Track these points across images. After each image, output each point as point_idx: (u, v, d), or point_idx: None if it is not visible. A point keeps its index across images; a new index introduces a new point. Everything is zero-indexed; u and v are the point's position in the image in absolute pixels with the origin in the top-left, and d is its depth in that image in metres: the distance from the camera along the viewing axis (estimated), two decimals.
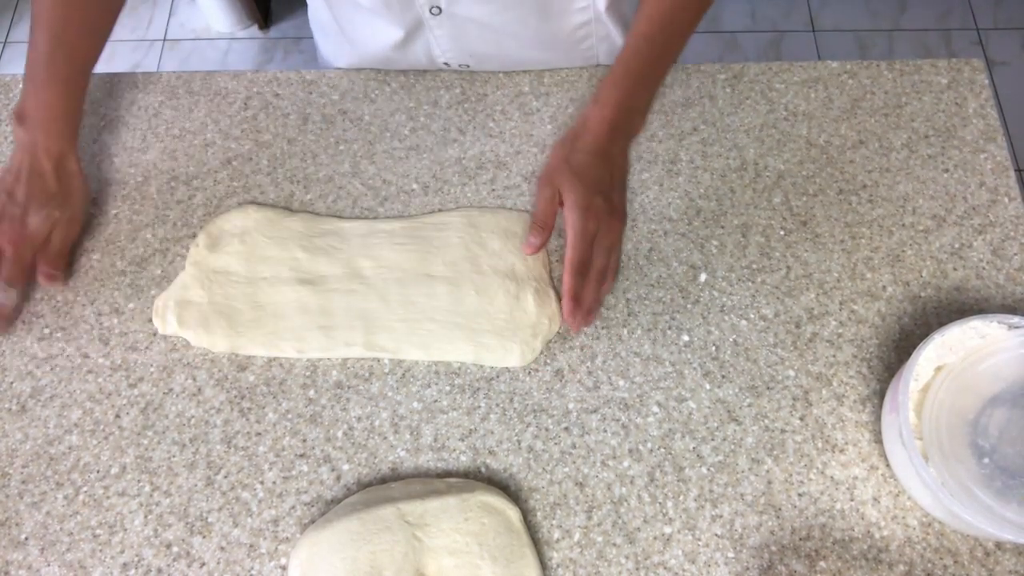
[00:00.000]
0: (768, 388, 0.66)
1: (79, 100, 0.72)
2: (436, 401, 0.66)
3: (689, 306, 0.69)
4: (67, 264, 0.71)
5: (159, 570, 0.60)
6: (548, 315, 0.68)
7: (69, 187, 0.70)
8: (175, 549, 0.60)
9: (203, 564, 0.60)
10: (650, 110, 0.68)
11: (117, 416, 0.65)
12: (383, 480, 0.63)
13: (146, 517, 0.62)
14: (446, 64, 0.82)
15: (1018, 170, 1.74)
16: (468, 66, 0.82)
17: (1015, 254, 0.70)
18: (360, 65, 0.83)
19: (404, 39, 0.79)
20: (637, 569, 0.59)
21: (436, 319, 0.67)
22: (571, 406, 0.65)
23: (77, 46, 0.70)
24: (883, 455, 0.63)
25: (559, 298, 0.68)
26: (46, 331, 0.69)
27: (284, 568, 0.60)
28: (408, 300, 0.68)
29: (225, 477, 0.63)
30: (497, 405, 0.65)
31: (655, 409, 0.65)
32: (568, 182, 0.63)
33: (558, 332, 0.68)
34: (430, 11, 0.75)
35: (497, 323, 0.67)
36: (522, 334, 0.66)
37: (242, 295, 0.69)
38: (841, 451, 0.63)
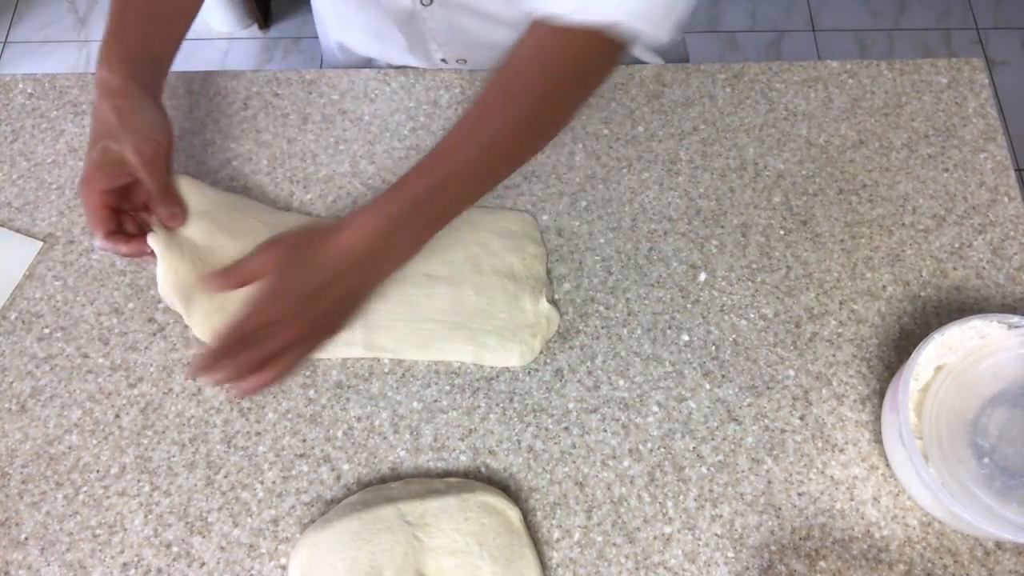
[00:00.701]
0: (768, 388, 0.66)
1: (155, 72, 0.67)
2: (436, 401, 0.66)
3: (689, 306, 0.69)
4: (177, 196, 0.66)
5: (159, 570, 0.60)
6: (547, 315, 0.67)
7: (150, 110, 0.64)
8: (175, 549, 0.60)
9: (203, 564, 0.60)
10: (425, 243, 0.58)
11: (117, 416, 0.65)
12: (383, 480, 0.63)
13: (146, 517, 0.62)
14: (443, 61, 0.82)
15: (1018, 170, 1.74)
16: (465, 61, 0.82)
17: (1015, 254, 0.70)
18: (360, 66, 0.83)
19: (400, 35, 0.78)
20: (637, 569, 0.59)
21: (436, 319, 0.67)
22: (571, 406, 0.65)
23: (160, 37, 0.68)
24: (883, 455, 0.63)
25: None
26: (46, 331, 0.69)
27: (284, 568, 0.60)
28: (408, 300, 0.68)
29: (225, 477, 0.63)
30: (497, 405, 0.65)
31: (655, 409, 0.65)
32: (282, 259, 0.55)
33: (558, 332, 0.68)
34: (421, 1, 0.75)
35: (497, 323, 0.67)
36: (522, 334, 0.66)
37: (241, 292, 0.67)
38: (841, 451, 0.63)
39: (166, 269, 0.63)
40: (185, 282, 0.64)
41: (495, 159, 0.58)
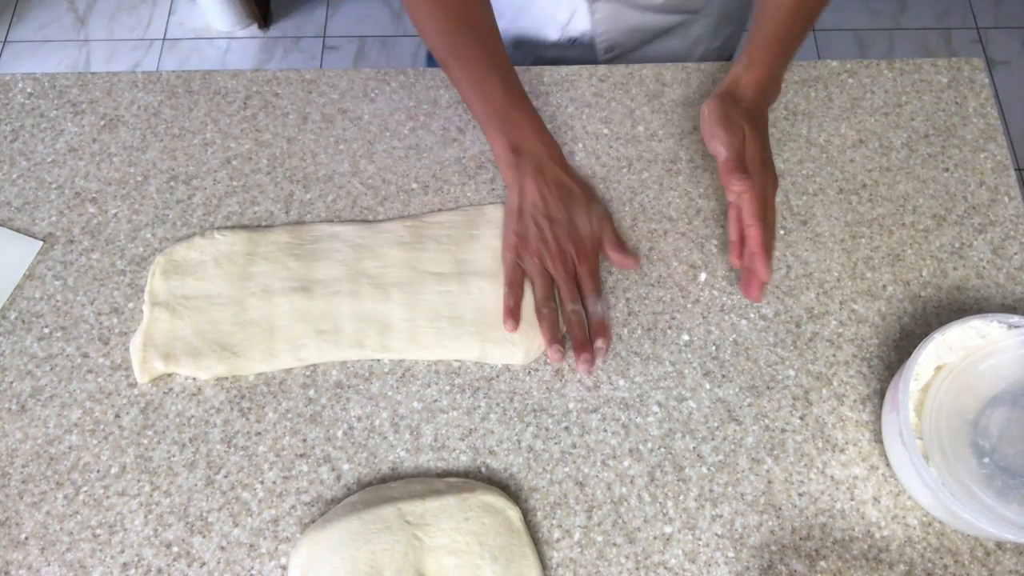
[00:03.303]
0: (768, 388, 0.66)
1: (531, 103, 0.73)
2: (436, 401, 0.66)
3: (689, 306, 0.69)
4: (627, 247, 0.70)
5: (159, 570, 0.60)
6: None
7: (585, 183, 0.71)
8: (175, 549, 0.60)
9: (203, 564, 0.60)
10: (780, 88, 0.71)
11: (117, 416, 0.65)
12: (383, 480, 0.63)
13: (146, 517, 0.62)
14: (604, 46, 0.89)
15: (1018, 170, 1.74)
16: (612, 48, 0.89)
17: (1015, 254, 0.70)
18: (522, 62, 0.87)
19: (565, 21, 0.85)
20: (637, 569, 0.59)
21: (442, 316, 0.67)
22: (571, 406, 0.65)
23: (499, 57, 0.72)
24: (883, 455, 0.63)
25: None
26: (46, 331, 0.69)
27: (284, 568, 0.60)
28: (412, 299, 0.68)
29: (225, 477, 0.63)
30: (497, 405, 0.65)
31: (655, 409, 0.65)
32: (750, 133, 0.66)
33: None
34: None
35: (500, 320, 0.67)
36: (525, 331, 0.66)
37: (230, 315, 0.67)
38: (841, 451, 0.63)
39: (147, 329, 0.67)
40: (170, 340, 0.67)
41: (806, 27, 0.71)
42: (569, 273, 0.67)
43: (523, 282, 0.68)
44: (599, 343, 0.65)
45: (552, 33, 0.88)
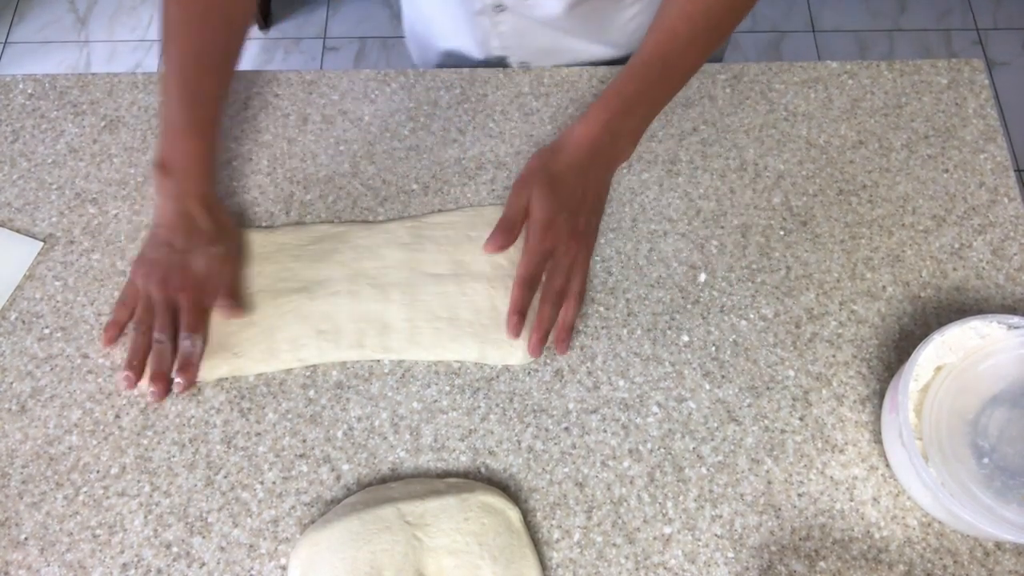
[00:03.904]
0: (768, 388, 0.66)
1: (217, 143, 0.72)
2: (436, 401, 0.66)
3: (689, 306, 0.69)
4: (240, 295, 0.69)
5: (159, 570, 0.60)
6: None
7: (222, 226, 0.69)
8: (175, 549, 0.60)
9: (203, 564, 0.60)
10: (639, 138, 0.68)
11: (117, 416, 0.65)
12: (383, 480, 0.63)
13: (146, 517, 0.62)
14: (502, 60, 0.87)
15: (1018, 170, 1.74)
16: (528, 64, 0.86)
17: (1015, 254, 0.70)
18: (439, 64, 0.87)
19: (469, 35, 0.84)
20: (637, 569, 0.59)
21: (440, 316, 0.67)
22: (571, 406, 0.65)
23: (209, 91, 0.70)
24: (883, 455, 0.63)
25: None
26: (46, 331, 0.69)
27: (284, 568, 0.60)
28: (412, 299, 0.68)
29: (225, 477, 0.63)
30: (497, 405, 0.65)
31: (655, 409, 0.65)
32: (538, 193, 0.64)
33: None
34: (493, 7, 0.79)
35: (500, 320, 0.67)
36: (525, 331, 0.66)
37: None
38: (841, 451, 0.63)
39: None
40: None
41: (698, 48, 0.66)
42: (168, 303, 0.66)
43: (136, 301, 0.67)
44: (179, 379, 0.65)
45: (474, 51, 0.88)
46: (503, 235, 0.65)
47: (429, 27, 0.91)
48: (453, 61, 0.91)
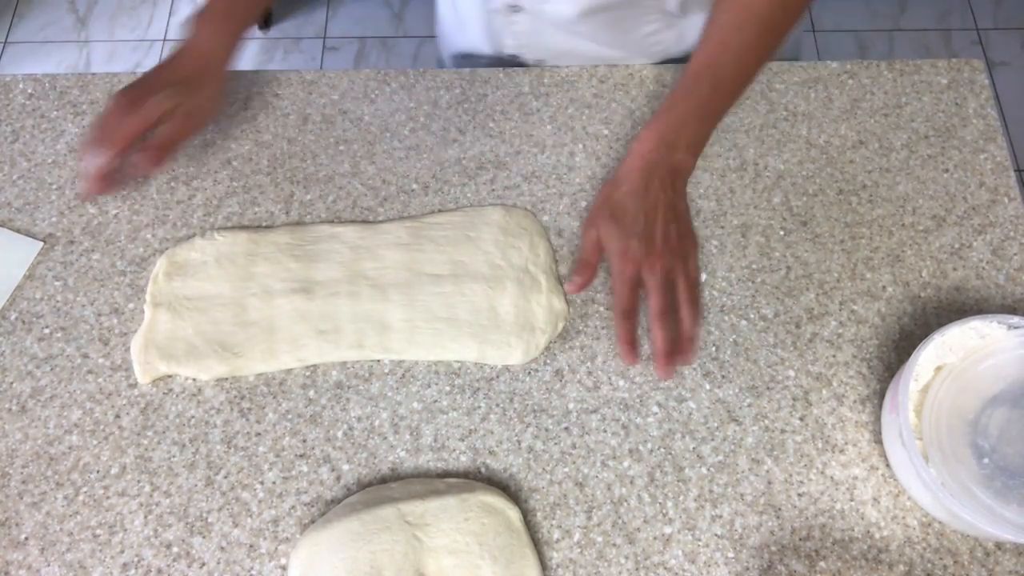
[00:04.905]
0: (768, 388, 0.66)
1: (248, 26, 0.73)
2: (436, 401, 0.66)
3: None
4: (168, 155, 0.67)
5: (159, 570, 0.60)
6: (551, 312, 0.67)
7: (202, 78, 0.68)
8: (175, 549, 0.60)
9: (203, 564, 0.60)
10: (701, 149, 0.66)
11: (117, 416, 0.66)
12: (383, 480, 0.63)
13: (146, 517, 0.62)
14: (516, 58, 0.87)
15: (1018, 170, 1.74)
16: (544, 61, 0.86)
17: (1015, 254, 0.70)
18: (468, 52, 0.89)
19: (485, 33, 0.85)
20: (637, 569, 0.59)
21: (439, 317, 0.67)
22: (571, 406, 0.65)
23: None
24: (883, 455, 0.63)
25: (563, 296, 0.68)
26: (46, 331, 0.69)
27: (284, 568, 0.60)
28: (411, 300, 0.68)
29: (225, 477, 0.63)
30: (497, 405, 0.65)
31: (655, 409, 0.65)
32: (603, 226, 0.63)
33: (558, 333, 0.68)
34: (510, 7, 0.80)
35: (499, 321, 0.67)
36: (525, 331, 0.66)
37: (231, 316, 0.68)
38: (841, 451, 0.63)
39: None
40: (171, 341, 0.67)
41: (753, 55, 0.66)
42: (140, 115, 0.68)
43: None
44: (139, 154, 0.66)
45: (485, 48, 0.89)
46: (580, 273, 0.64)
47: (450, 19, 0.92)
48: (469, 61, 0.91)
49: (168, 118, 0.67)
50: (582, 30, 0.81)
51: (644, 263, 0.61)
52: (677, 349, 0.61)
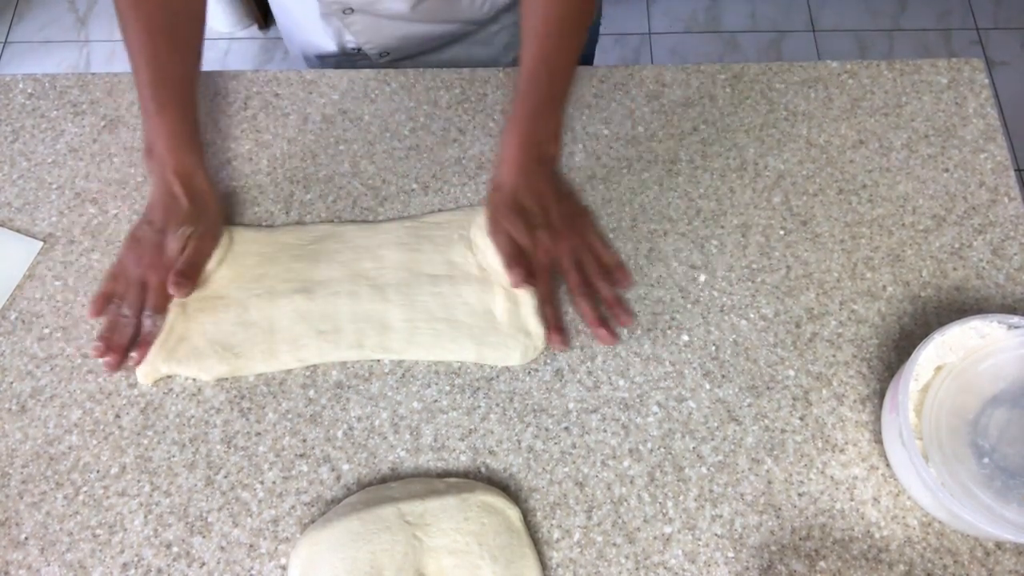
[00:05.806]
0: (768, 388, 0.66)
1: (193, 118, 0.71)
2: (436, 401, 0.66)
3: (689, 306, 0.69)
4: (197, 275, 0.68)
5: (159, 570, 0.60)
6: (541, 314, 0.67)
7: (202, 203, 0.69)
8: (175, 549, 0.60)
9: (203, 564, 0.60)
10: (561, 132, 0.70)
11: (117, 416, 0.66)
12: (383, 480, 0.63)
13: (146, 517, 0.62)
14: (358, 51, 0.90)
15: (1018, 170, 1.74)
16: (388, 53, 0.89)
17: (1015, 254, 0.70)
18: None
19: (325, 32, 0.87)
20: (637, 569, 0.59)
21: (439, 317, 0.67)
22: (571, 406, 0.65)
23: (175, 69, 0.70)
24: (883, 455, 0.63)
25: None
26: (46, 331, 0.69)
27: (284, 568, 0.60)
28: (411, 300, 0.68)
29: (225, 477, 0.63)
30: (497, 405, 0.65)
31: (655, 409, 0.65)
32: (512, 224, 0.67)
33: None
34: (343, 11, 0.82)
35: (498, 321, 0.67)
36: (520, 333, 0.66)
37: (233, 316, 0.68)
38: (841, 451, 0.63)
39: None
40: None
41: (569, 42, 0.70)
42: (139, 280, 0.67)
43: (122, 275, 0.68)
44: (132, 353, 0.66)
45: (330, 45, 0.90)
46: (515, 270, 0.66)
47: (287, 22, 0.94)
48: (321, 60, 0.94)
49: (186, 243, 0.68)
50: (416, 16, 0.84)
51: (553, 249, 0.67)
52: (611, 315, 0.67)
